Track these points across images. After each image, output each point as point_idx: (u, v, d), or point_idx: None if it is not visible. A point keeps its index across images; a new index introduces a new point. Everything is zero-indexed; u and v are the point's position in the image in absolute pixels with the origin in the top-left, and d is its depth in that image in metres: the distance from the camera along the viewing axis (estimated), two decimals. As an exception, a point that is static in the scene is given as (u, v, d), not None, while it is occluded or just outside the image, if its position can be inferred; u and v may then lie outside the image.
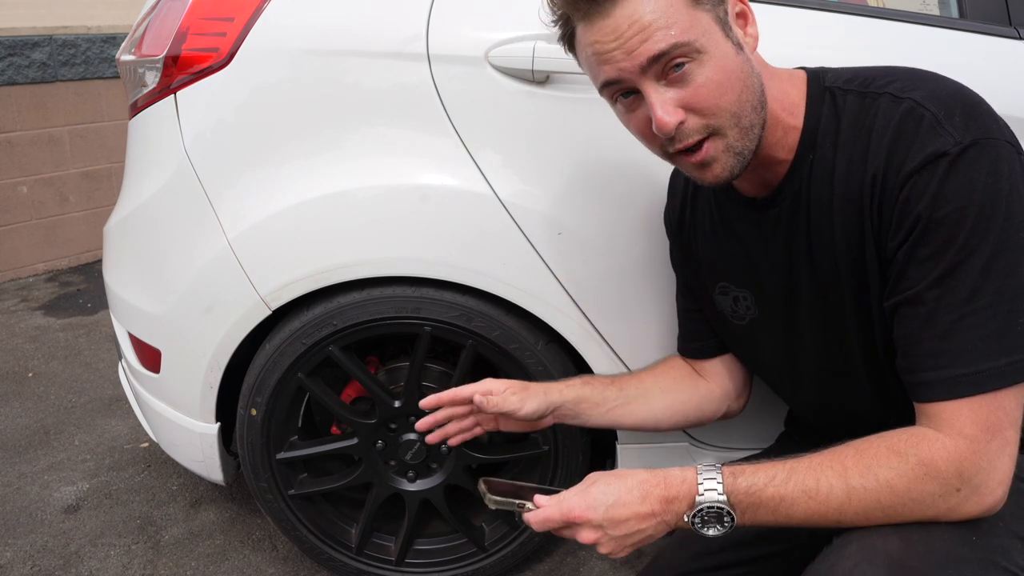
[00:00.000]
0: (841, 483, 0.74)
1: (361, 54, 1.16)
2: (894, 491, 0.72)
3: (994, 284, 0.71)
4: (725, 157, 0.79)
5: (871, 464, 0.73)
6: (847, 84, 0.82)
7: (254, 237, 1.22)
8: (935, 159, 0.72)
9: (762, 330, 0.98)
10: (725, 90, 0.76)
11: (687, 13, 0.74)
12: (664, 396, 1.09)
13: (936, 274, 0.73)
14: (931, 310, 0.73)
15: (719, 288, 1.01)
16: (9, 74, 3.30)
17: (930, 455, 0.72)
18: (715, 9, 0.76)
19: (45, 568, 1.61)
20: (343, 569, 1.46)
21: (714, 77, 0.75)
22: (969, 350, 0.72)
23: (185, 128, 1.24)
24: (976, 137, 0.72)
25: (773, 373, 1.03)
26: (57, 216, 3.60)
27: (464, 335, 1.24)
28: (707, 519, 0.77)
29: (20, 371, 2.57)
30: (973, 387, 0.71)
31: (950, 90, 0.76)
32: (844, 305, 0.85)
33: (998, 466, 0.72)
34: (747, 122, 0.78)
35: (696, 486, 0.77)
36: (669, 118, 0.75)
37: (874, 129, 0.77)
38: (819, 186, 0.83)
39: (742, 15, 0.80)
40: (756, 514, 0.77)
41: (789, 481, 0.75)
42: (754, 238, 0.92)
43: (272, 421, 1.33)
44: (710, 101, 0.76)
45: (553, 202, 1.18)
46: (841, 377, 0.92)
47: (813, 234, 0.85)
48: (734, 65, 0.76)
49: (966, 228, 0.71)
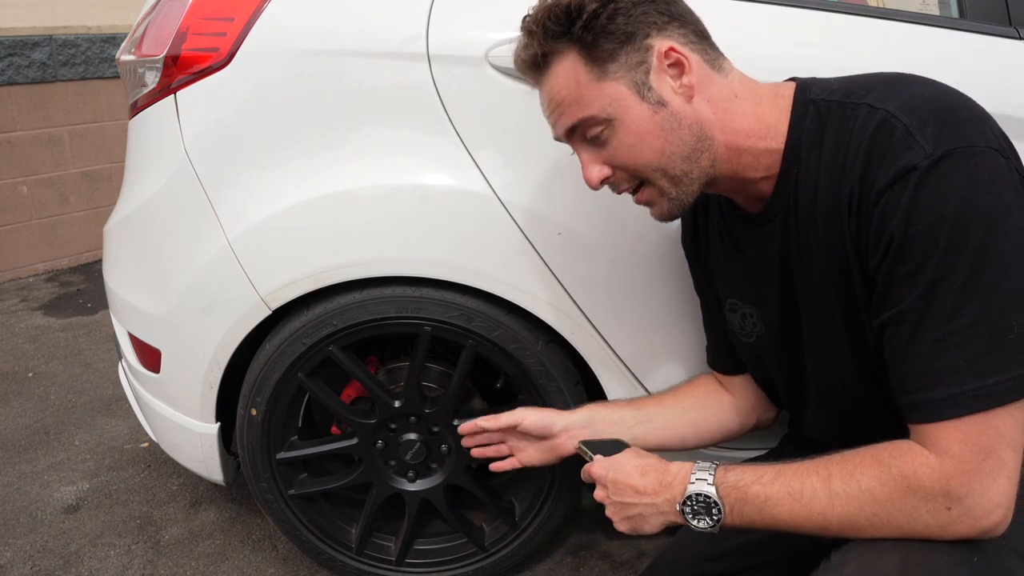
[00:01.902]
0: (824, 487, 0.74)
1: (361, 54, 1.16)
2: (875, 499, 0.72)
3: (977, 300, 0.69)
4: (661, 201, 0.87)
5: (854, 471, 0.74)
6: (831, 95, 0.81)
7: (254, 237, 1.22)
8: (905, 174, 0.71)
9: (768, 347, 0.97)
10: (640, 151, 0.83)
11: (594, 87, 0.82)
12: (686, 414, 1.10)
13: (916, 293, 0.71)
14: (913, 330, 0.72)
15: (729, 304, 1.01)
16: (9, 74, 3.30)
17: (912, 469, 0.71)
18: (629, 74, 0.81)
19: (45, 568, 1.61)
20: (343, 569, 1.46)
21: (626, 140, 0.83)
22: (953, 371, 0.70)
23: (185, 128, 1.23)
24: (949, 148, 0.70)
25: (783, 391, 1.02)
26: (57, 216, 3.60)
27: (464, 335, 1.24)
28: (696, 510, 0.80)
29: (20, 371, 2.57)
30: (959, 409, 0.70)
31: (928, 97, 0.74)
32: (836, 320, 0.85)
33: (992, 488, 0.69)
34: (677, 171, 0.83)
35: (689, 475, 0.83)
36: (593, 175, 0.86)
37: (851, 142, 0.76)
38: (805, 200, 0.82)
39: (676, 64, 0.81)
40: (743, 511, 0.78)
41: (775, 482, 0.77)
42: (755, 253, 0.93)
43: (272, 421, 1.33)
44: (627, 161, 0.84)
45: (553, 202, 1.18)
46: (842, 394, 0.91)
47: (803, 248, 0.84)
48: (650, 126, 0.82)
49: (942, 244, 0.69)
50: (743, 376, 1.09)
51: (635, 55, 0.80)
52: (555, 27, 0.82)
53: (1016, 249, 0.69)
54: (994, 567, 0.72)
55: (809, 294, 0.87)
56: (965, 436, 0.70)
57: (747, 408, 1.10)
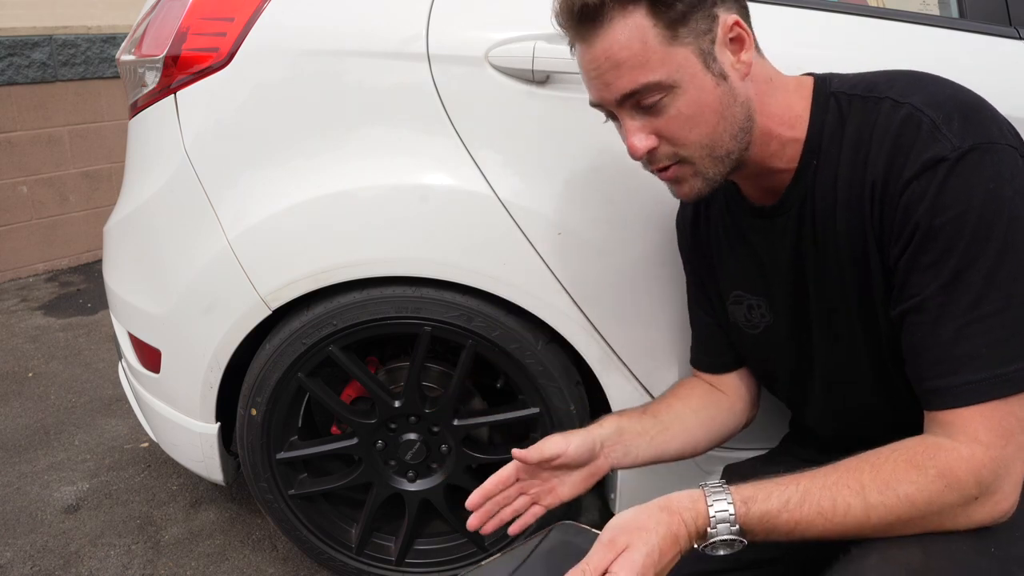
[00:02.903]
0: (859, 501, 0.72)
1: (361, 54, 1.16)
2: (914, 505, 0.71)
3: (1000, 290, 0.70)
4: (693, 180, 0.83)
5: (889, 480, 0.72)
6: (852, 89, 0.81)
7: (254, 237, 1.22)
8: (933, 165, 0.72)
9: (775, 338, 0.97)
10: (696, 123, 0.78)
11: (661, 50, 0.76)
12: (697, 415, 1.06)
13: (940, 281, 0.72)
14: (936, 318, 0.73)
15: (733, 297, 1.00)
16: (9, 74, 3.30)
17: (948, 465, 0.71)
18: (697, 41, 0.77)
19: (45, 568, 1.61)
20: (343, 569, 1.46)
21: (685, 111, 0.78)
22: (976, 357, 0.71)
23: (185, 128, 1.24)
24: (976, 142, 0.71)
25: (785, 384, 1.02)
26: (57, 216, 3.60)
27: (464, 335, 1.24)
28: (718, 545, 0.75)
29: (20, 371, 2.57)
30: (981, 394, 0.71)
31: (950, 94, 0.76)
32: (851, 312, 0.85)
33: (1014, 472, 0.71)
34: (722, 151, 0.80)
35: (708, 519, 0.74)
36: (640, 144, 0.80)
37: (874, 135, 0.77)
38: (823, 193, 0.82)
39: (737, 40, 0.79)
40: (768, 537, 0.75)
41: (804, 504, 0.73)
42: (764, 246, 0.92)
43: (272, 421, 1.33)
44: (681, 133, 0.79)
45: (553, 202, 1.18)
46: (850, 385, 0.91)
47: (819, 241, 0.85)
48: (711, 98, 0.78)
49: (967, 234, 0.71)
50: (732, 374, 1.09)
51: (704, 22, 0.77)
52: None
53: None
54: (1012, 556, 0.72)
55: (824, 286, 0.87)
56: (988, 422, 0.71)
57: (740, 406, 1.09)
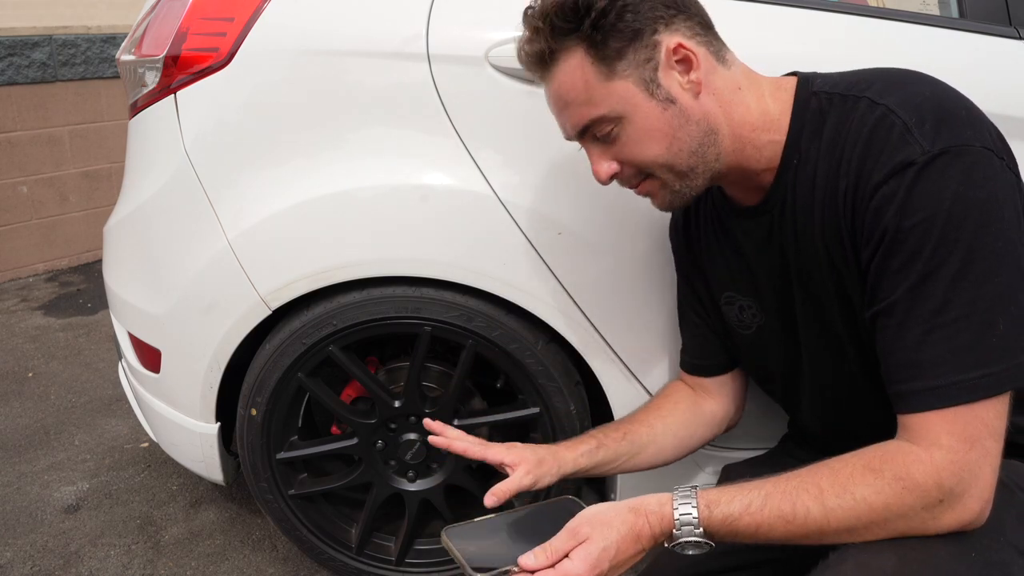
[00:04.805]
0: (818, 505, 0.73)
1: (361, 54, 1.16)
2: (872, 508, 0.72)
3: (966, 295, 0.70)
4: (663, 192, 0.87)
5: (847, 483, 0.73)
6: (833, 87, 0.82)
7: (254, 237, 1.22)
8: (902, 169, 0.72)
9: (768, 339, 0.97)
10: (648, 147, 0.83)
11: (602, 87, 0.81)
12: (674, 435, 1.08)
13: (907, 285, 0.72)
14: (902, 322, 0.73)
15: (725, 298, 1.01)
16: (9, 74, 3.30)
17: (906, 469, 0.71)
18: (638, 71, 0.80)
19: (45, 568, 1.61)
20: (343, 569, 1.46)
21: (635, 136, 0.83)
22: (940, 363, 0.71)
23: (185, 128, 1.23)
24: (946, 145, 0.71)
25: (780, 385, 1.02)
26: (57, 216, 3.60)
27: (464, 335, 1.24)
28: (684, 545, 0.78)
29: (20, 371, 2.57)
30: (944, 400, 0.71)
31: (928, 95, 0.75)
32: (834, 311, 0.85)
33: (980, 476, 0.70)
34: (683, 167, 0.84)
35: (672, 523, 0.78)
36: (603, 170, 0.87)
37: (848, 136, 0.77)
38: (803, 191, 0.83)
39: (684, 60, 0.81)
40: (735, 539, 0.77)
41: (764, 508, 0.75)
42: (751, 246, 0.93)
43: (272, 421, 1.33)
44: (636, 157, 0.85)
45: (553, 202, 1.18)
46: (839, 386, 0.91)
47: (800, 239, 0.85)
48: (659, 123, 0.82)
49: (934, 238, 0.70)
50: (719, 378, 1.09)
51: (643, 52, 0.80)
52: (563, 24, 0.80)
53: (1007, 247, 0.70)
54: (992, 562, 0.72)
55: (807, 285, 0.87)
56: (951, 427, 0.71)
57: (723, 414, 1.10)
